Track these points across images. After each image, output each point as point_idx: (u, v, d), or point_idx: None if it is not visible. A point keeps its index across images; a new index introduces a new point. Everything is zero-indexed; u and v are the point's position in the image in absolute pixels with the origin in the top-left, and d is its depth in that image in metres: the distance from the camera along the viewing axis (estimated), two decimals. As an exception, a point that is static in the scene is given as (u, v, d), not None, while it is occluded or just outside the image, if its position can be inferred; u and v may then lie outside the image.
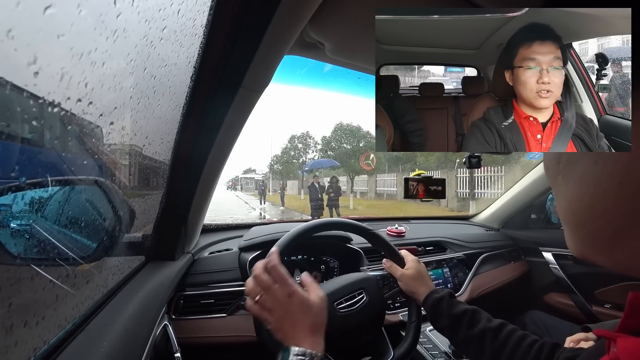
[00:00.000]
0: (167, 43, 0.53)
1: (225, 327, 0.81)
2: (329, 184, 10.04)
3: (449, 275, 1.21)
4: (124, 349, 0.46)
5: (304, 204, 12.43)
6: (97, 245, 0.61)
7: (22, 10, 0.29)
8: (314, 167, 16.47)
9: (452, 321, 0.63)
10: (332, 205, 9.90)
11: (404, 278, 0.74)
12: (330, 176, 10.91)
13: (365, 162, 14.12)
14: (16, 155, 0.36)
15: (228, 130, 0.62)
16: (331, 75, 0.86)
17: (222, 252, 0.98)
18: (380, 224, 1.35)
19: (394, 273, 0.76)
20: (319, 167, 16.11)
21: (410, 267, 0.75)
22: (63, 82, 0.36)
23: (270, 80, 0.56)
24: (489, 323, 0.61)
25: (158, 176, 0.75)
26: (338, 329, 0.65)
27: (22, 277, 0.42)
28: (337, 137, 19.45)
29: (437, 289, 0.71)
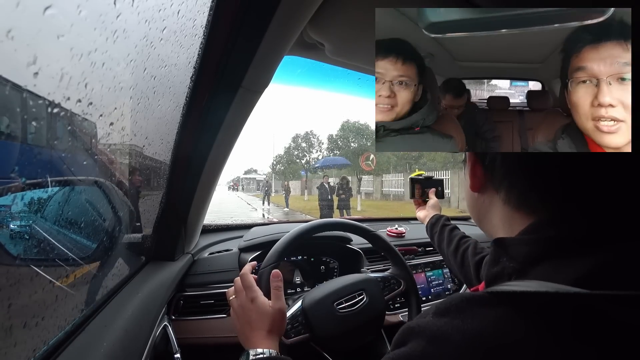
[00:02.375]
0: (167, 43, 0.53)
1: (225, 327, 0.81)
2: (339, 185, 9.70)
3: (449, 275, 1.21)
4: (124, 349, 0.46)
5: (308, 205, 12.13)
6: (97, 245, 0.61)
7: (22, 11, 0.29)
8: (323, 165, 16.00)
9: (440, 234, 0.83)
10: (343, 207, 9.59)
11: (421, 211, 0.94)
12: (341, 177, 10.53)
13: (365, 163, 14.06)
14: (16, 155, 0.36)
15: (228, 131, 0.62)
16: (331, 76, 0.86)
17: (222, 252, 0.98)
18: (381, 225, 1.34)
19: (417, 215, 0.95)
20: (329, 166, 15.62)
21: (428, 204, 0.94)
22: (63, 82, 0.36)
23: (270, 80, 0.56)
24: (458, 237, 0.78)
25: (158, 176, 0.75)
26: (337, 329, 0.65)
27: (22, 277, 0.42)
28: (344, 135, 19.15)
29: (438, 214, 0.88)
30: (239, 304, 0.56)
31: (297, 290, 0.99)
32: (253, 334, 0.52)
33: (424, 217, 0.92)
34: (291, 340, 0.62)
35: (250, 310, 0.54)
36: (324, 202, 9.43)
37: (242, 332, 0.53)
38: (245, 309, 0.54)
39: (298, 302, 0.68)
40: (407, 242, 1.23)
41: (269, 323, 0.53)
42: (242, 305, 0.55)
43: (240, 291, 0.57)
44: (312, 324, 0.64)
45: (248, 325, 0.53)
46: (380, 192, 15.84)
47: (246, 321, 0.54)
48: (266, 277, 0.60)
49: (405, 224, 1.39)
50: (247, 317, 0.54)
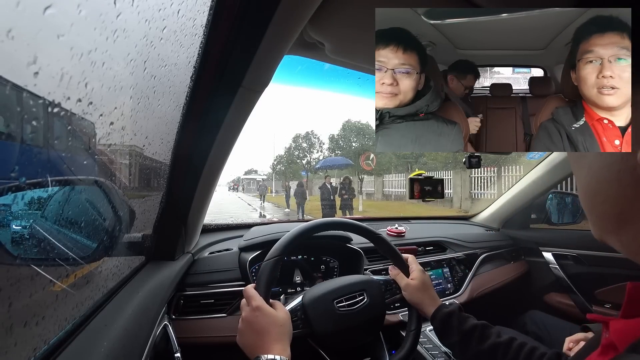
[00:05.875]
0: (167, 43, 0.53)
1: (225, 327, 0.81)
2: (342, 185, 9.66)
3: (449, 275, 1.21)
4: (124, 349, 0.46)
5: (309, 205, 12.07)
6: (97, 245, 0.61)
7: (22, 10, 0.29)
8: (325, 165, 15.79)
9: (462, 337, 0.62)
10: (345, 208, 9.56)
11: (409, 288, 0.72)
12: (343, 177, 10.44)
13: (365, 162, 14.02)
14: (16, 155, 0.36)
15: (228, 130, 0.62)
16: (332, 76, 0.86)
17: (222, 252, 0.98)
18: (381, 224, 1.34)
19: (399, 282, 0.75)
20: (330, 166, 15.42)
21: (415, 277, 0.73)
22: (63, 82, 0.36)
23: (270, 80, 0.56)
24: (499, 338, 0.60)
25: (159, 176, 0.75)
26: (335, 327, 0.65)
27: (22, 277, 0.42)
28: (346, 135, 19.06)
29: (445, 303, 0.69)
30: (245, 315, 0.56)
31: (297, 290, 0.99)
32: (263, 340, 0.52)
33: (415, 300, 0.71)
34: None
35: (256, 317, 0.54)
36: (326, 202, 9.36)
37: (251, 342, 0.53)
38: (252, 318, 0.54)
39: (298, 298, 0.68)
40: (407, 242, 1.23)
41: (277, 327, 0.53)
42: (248, 316, 0.55)
43: (244, 304, 0.58)
44: (311, 319, 0.64)
45: (256, 333, 0.53)
46: (382, 192, 15.74)
47: (254, 330, 0.54)
48: (270, 268, 0.61)
49: (405, 224, 1.39)
50: (256, 325, 0.54)
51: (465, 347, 0.62)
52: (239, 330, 0.56)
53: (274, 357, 0.49)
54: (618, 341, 0.25)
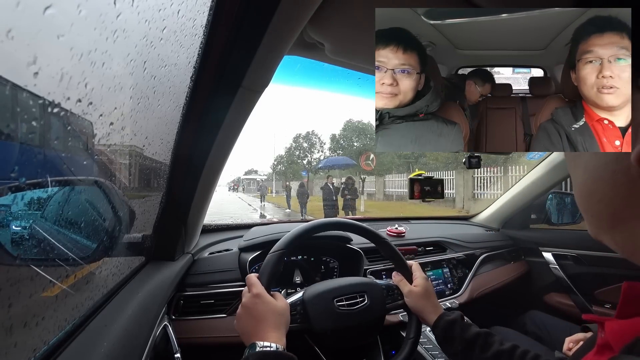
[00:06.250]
0: (167, 43, 0.53)
1: (225, 327, 0.81)
2: (344, 185, 9.50)
3: (449, 275, 1.21)
4: (124, 349, 0.46)
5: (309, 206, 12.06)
6: (97, 245, 0.61)
7: (22, 10, 0.29)
8: (327, 165, 15.65)
9: (465, 345, 0.61)
10: (348, 208, 9.43)
11: (411, 295, 0.72)
12: (346, 177, 10.27)
13: (365, 162, 14.00)
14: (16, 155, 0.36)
15: (228, 131, 0.62)
16: (332, 76, 0.86)
17: (222, 252, 0.98)
18: (380, 224, 1.34)
19: (402, 288, 0.74)
20: (332, 166, 15.23)
21: (418, 284, 0.73)
22: (63, 82, 0.36)
23: (270, 80, 0.56)
24: (502, 346, 0.60)
25: (158, 177, 0.75)
26: (333, 325, 0.65)
27: (22, 277, 0.41)
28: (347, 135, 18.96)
29: (447, 312, 0.68)
30: (245, 301, 0.57)
31: (297, 290, 0.99)
32: (260, 327, 0.53)
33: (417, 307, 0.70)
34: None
35: (255, 304, 0.55)
36: (328, 202, 9.30)
37: (248, 328, 0.54)
38: (251, 304, 0.55)
39: (299, 293, 0.69)
40: (407, 242, 1.23)
41: (275, 316, 0.54)
42: (247, 302, 0.56)
43: (245, 291, 0.58)
44: (310, 315, 0.65)
45: (254, 320, 0.54)
46: (383, 192, 15.65)
47: (252, 316, 0.54)
48: (274, 260, 0.62)
49: (405, 224, 1.39)
50: (254, 311, 0.54)
51: (468, 355, 0.61)
52: (237, 315, 0.57)
53: (270, 344, 0.49)
54: (613, 342, 0.25)
